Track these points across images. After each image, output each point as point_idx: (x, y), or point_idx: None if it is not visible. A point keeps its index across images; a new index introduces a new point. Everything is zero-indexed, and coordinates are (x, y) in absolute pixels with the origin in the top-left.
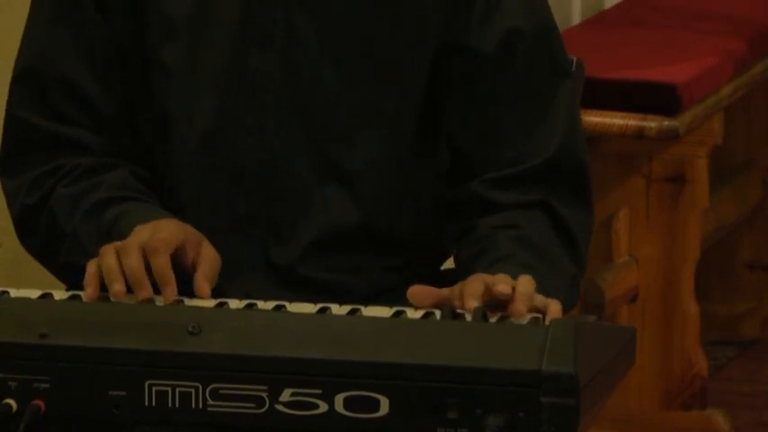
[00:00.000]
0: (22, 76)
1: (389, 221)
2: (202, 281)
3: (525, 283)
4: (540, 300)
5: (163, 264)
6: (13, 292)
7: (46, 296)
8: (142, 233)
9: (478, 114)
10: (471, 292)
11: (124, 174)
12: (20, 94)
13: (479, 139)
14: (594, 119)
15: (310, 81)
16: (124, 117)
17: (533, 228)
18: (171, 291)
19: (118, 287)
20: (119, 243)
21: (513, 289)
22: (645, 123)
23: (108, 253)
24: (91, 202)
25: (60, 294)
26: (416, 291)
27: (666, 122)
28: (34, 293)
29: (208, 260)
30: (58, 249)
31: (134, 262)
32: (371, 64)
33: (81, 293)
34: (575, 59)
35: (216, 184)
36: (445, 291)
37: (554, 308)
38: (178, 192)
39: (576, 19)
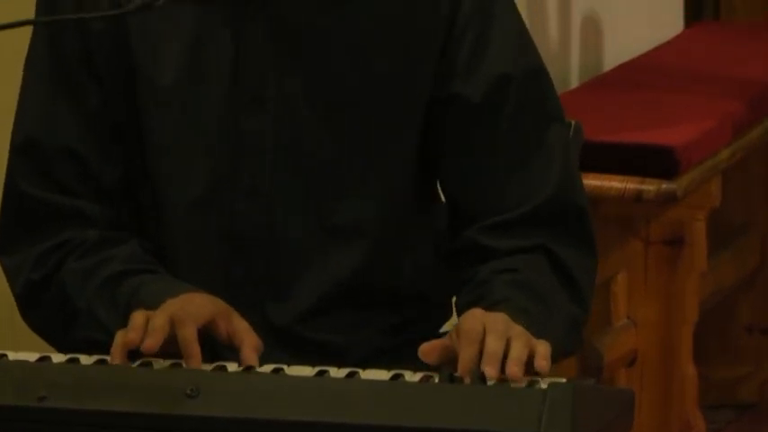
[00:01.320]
0: (23, 149)
1: (388, 278)
2: (251, 351)
3: (518, 347)
4: (532, 344)
5: (188, 335)
6: (12, 355)
7: (44, 359)
8: (171, 306)
9: (471, 162)
10: (465, 358)
11: (134, 247)
12: (21, 167)
13: (474, 186)
14: (593, 182)
15: (303, 141)
16: (124, 187)
17: (532, 271)
18: (195, 363)
19: (132, 335)
20: (151, 311)
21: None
22: (643, 186)
23: (137, 314)
24: (104, 275)
25: (59, 357)
26: (426, 348)
27: (665, 185)
28: (32, 356)
29: (247, 330)
30: (68, 325)
31: (159, 321)
32: (364, 121)
33: (79, 356)
34: (573, 122)
35: (211, 249)
36: (445, 341)
37: (541, 349)
38: (174, 256)
39: (575, 82)
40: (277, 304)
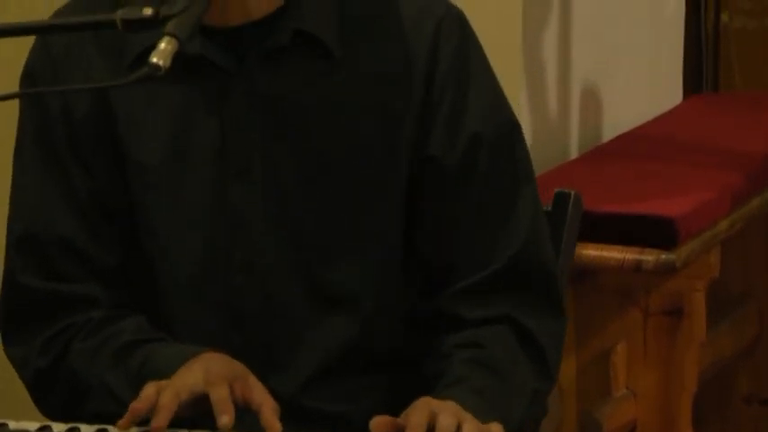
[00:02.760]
0: (20, 243)
1: (388, 339)
2: (273, 417)
3: (470, 428)
4: (483, 428)
5: (224, 394)
6: (12, 425)
7: (45, 428)
8: (193, 375)
9: (443, 222)
10: (414, 425)
11: (140, 320)
12: (19, 261)
13: (444, 247)
14: (592, 252)
15: (293, 211)
16: (122, 267)
17: (495, 345)
18: (228, 419)
19: (139, 405)
20: (163, 382)
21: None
22: (642, 257)
23: (148, 386)
24: (115, 347)
25: (59, 427)
26: (376, 422)
27: (664, 256)
28: (33, 425)
29: (264, 393)
30: (80, 402)
31: (167, 399)
32: (351, 186)
33: (80, 426)
34: (573, 193)
35: (209, 322)
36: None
37: (495, 430)
38: (173, 331)
39: (574, 152)
40: (277, 374)
